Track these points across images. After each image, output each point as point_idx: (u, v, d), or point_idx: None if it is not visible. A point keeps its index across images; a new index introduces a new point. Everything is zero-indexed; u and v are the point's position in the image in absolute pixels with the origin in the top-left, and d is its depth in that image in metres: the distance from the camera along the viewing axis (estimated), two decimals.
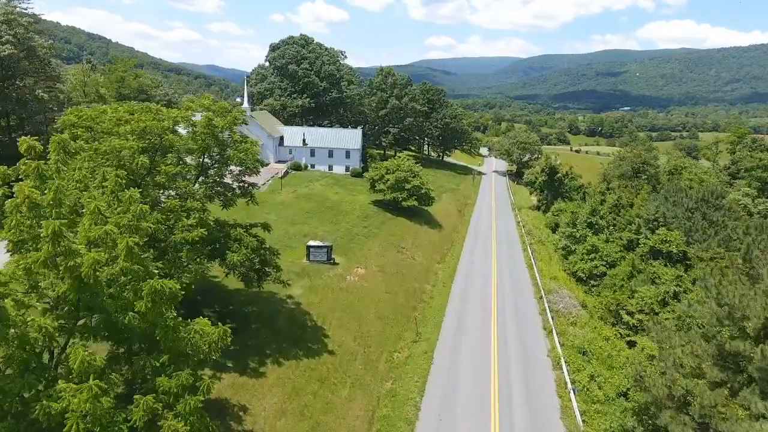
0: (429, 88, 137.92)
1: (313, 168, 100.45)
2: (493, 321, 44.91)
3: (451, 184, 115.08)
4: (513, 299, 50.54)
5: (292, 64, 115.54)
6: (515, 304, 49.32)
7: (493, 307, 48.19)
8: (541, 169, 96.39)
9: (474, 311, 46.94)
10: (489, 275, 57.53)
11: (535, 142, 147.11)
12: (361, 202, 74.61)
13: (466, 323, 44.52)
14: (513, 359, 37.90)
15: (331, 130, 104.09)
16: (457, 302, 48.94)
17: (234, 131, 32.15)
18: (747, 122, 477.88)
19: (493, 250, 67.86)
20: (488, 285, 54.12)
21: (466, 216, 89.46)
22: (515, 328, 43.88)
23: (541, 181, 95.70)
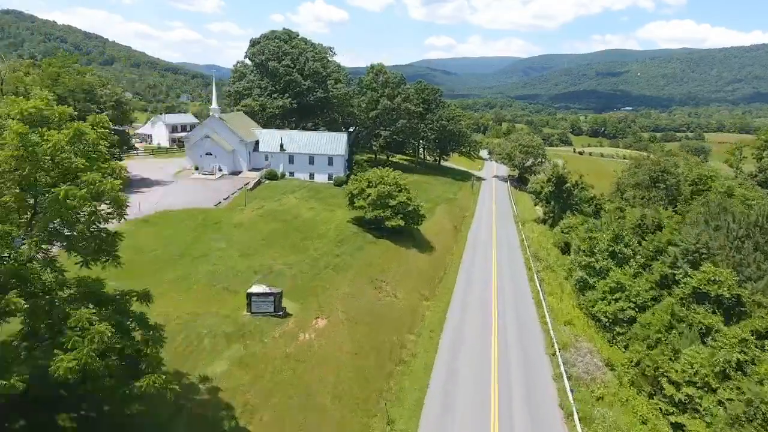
0: (424, 87, 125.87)
1: (292, 176, 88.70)
2: (493, 395, 33.11)
3: (448, 193, 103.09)
4: (519, 357, 38.63)
5: (273, 61, 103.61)
6: (523, 366, 37.43)
7: (493, 369, 36.38)
8: (548, 178, 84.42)
9: (467, 379, 35.08)
10: (488, 318, 45.66)
11: (539, 146, 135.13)
12: (338, 221, 62.74)
13: (457, 399, 32.71)
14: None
15: (313, 133, 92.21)
16: (446, 363, 37.09)
17: (90, 149, 20.09)
18: (752, 122, 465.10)
19: (494, 280, 55.96)
20: (487, 334, 42.24)
21: (462, 233, 77.49)
22: (523, 409, 32.03)
23: (548, 192, 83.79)
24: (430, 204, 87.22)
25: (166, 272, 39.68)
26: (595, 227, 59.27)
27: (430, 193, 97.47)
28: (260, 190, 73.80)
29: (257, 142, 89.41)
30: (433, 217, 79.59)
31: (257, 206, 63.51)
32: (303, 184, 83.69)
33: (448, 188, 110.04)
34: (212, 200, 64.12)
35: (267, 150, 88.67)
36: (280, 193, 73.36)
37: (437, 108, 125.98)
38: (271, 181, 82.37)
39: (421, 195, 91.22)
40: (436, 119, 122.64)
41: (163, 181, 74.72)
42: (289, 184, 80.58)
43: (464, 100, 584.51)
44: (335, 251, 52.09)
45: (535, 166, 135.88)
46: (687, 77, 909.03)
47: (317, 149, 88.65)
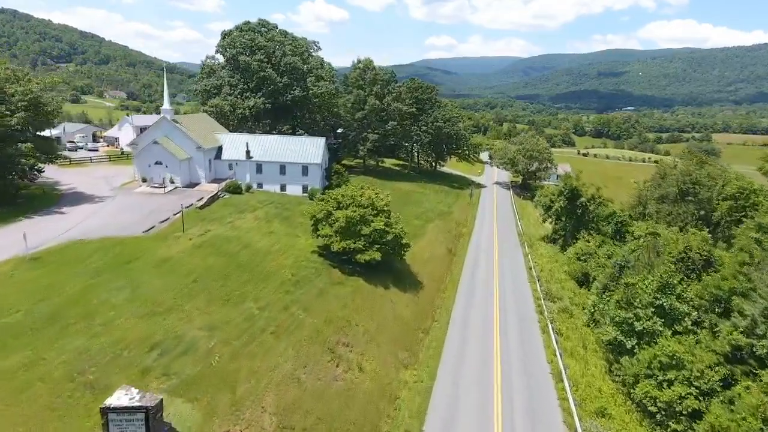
0: (418, 86, 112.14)
1: (261, 188, 75.27)
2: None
3: (443, 205, 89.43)
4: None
5: (244, 55, 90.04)
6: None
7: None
8: (559, 191, 70.72)
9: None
10: (489, 402, 32.21)
11: (545, 149, 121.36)
12: (299, 252, 49.23)
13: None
14: None
15: (285, 138, 78.58)
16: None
17: None
18: (758, 123, 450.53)
19: (496, 334, 42.43)
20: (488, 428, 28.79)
21: (458, 258, 63.88)
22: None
23: (559, 207, 70.10)
24: (421, 221, 73.63)
25: (6, 355, 26.22)
26: (626, 264, 45.61)
27: (421, 206, 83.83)
28: (214, 209, 60.26)
29: (221, 149, 75.96)
30: (423, 238, 66.03)
31: (201, 231, 49.99)
32: (271, 198, 70.22)
33: (444, 198, 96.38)
34: (146, 223, 50.64)
35: (231, 158, 75.20)
36: (237, 212, 59.85)
37: (432, 108, 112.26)
38: (233, 195, 68.82)
39: (410, 209, 77.83)
40: (431, 121, 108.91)
41: (98, 197, 61.24)
42: (252, 200, 67.05)
43: (465, 100, 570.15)
44: (285, 300, 38.52)
45: (540, 172, 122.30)
46: (689, 77, 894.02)
47: (289, 157, 75.14)
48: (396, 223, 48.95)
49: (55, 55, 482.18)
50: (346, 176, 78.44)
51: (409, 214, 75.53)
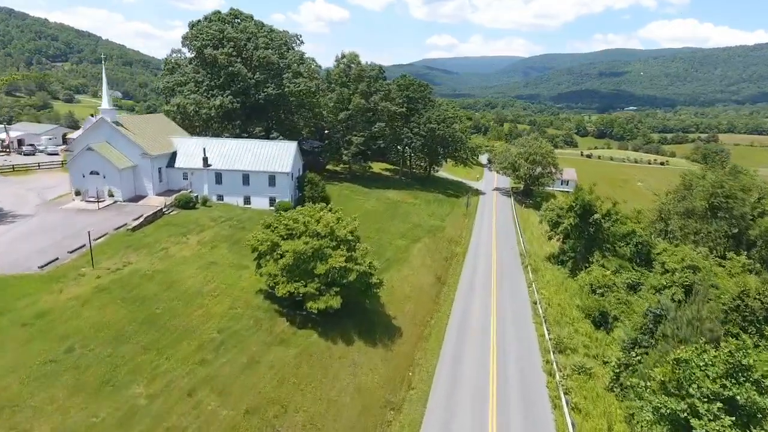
0: (409, 83, 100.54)
1: (221, 201, 64.01)
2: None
3: (434, 218, 77.95)
4: None
5: (210, 47, 78.68)
6: None
7: None
8: (569, 205, 59.14)
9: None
10: None
11: (549, 153, 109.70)
12: (239, 292, 37.92)
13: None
14: None
15: (250, 143, 67.15)
16: None
17: None
18: (763, 123, 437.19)
19: (492, 416, 31.08)
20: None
21: (448, 289, 52.36)
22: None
23: (569, 226, 58.56)
24: (406, 240, 62.16)
25: None
26: (663, 313, 34.11)
27: (409, 220, 72.34)
28: (150, 230, 48.95)
29: (174, 155, 64.69)
30: (406, 263, 54.59)
31: (117, 265, 38.73)
32: (230, 213, 59.00)
33: (436, 209, 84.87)
34: (49, 254, 39.44)
35: (186, 166, 63.91)
36: (179, 234, 48.61)
37: (425, 108, 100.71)
38: (183, 210, 57.56)
39: (395, 225, 66.44)
40: (423, 122, 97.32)
41: (14, 215, 50.12)
42: (204, 217, 55.79)
43: (465, 100, 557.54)
44: (195, 378, 27.18)
45: (544, 178, 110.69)
46: (690, 77, 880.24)
47: (254, 164, 63.81)
48: (363, 255, 37.43)
49: (50, 54, 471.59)
50: (322, 186, 67.07)
51: (393, 232, 64.15)
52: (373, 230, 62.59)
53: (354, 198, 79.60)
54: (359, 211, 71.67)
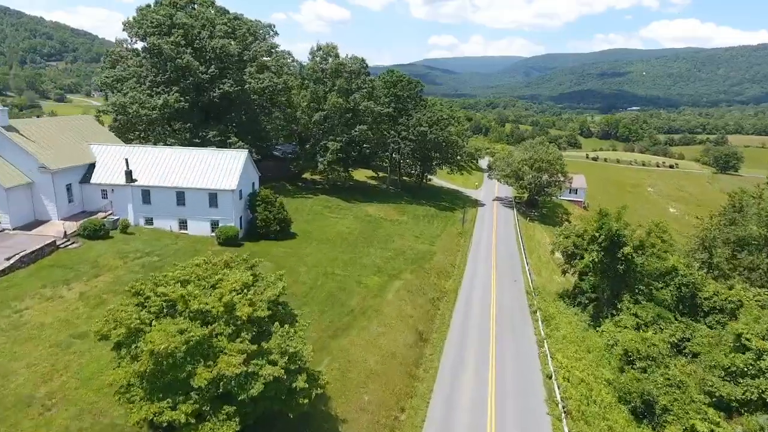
0: (397, 80, 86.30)
1: (151, 225, 50.23)
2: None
3: (422, 241, 63.89)
4: None
5: (154, 36, 64.74)
6: None
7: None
8: (592, 236, 44.90)
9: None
10: None
11: (557, 159, 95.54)
12: (94, 396, 24.00)
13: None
14: None
15: (187, 152, 53.01)
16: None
17: None
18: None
19: None
20: None
21: (431, 354, 38.28)
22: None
23: (592, 262, 44.40)
24: (383, 276, 48.09)
25: None
26: None
27: (390, 246, 58.26)
28: (22, 276, 35.19)
29: (92, 167, 50.84)
30: (378, 313, 40.53)
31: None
32: (154, 244, 45.29)
33: (426, 228, 70.83)
34: None
35: (105, 181, 50.04)
36: (60, 282, 34.92)
37: (416, 108, 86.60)
38: (90, 241, 43.82)
39: (371, 253, 52.52)
40: (413, 124, 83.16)
41: None
42: (111, 252, 41.98)
43: (466, 100, 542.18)
44: None
45: (551, 187, 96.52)
46: (693, 77, 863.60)
47: (191, 179, 49.91)
48: (286, 340, 23.24)
49: (45, 53, 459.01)
50: (279, 205, 53.06)
51: (366, 265, 50.10)
52: (340, 264, 48.60)
53: (326, 216, 65.62)
54: (329, 234, 57.71)
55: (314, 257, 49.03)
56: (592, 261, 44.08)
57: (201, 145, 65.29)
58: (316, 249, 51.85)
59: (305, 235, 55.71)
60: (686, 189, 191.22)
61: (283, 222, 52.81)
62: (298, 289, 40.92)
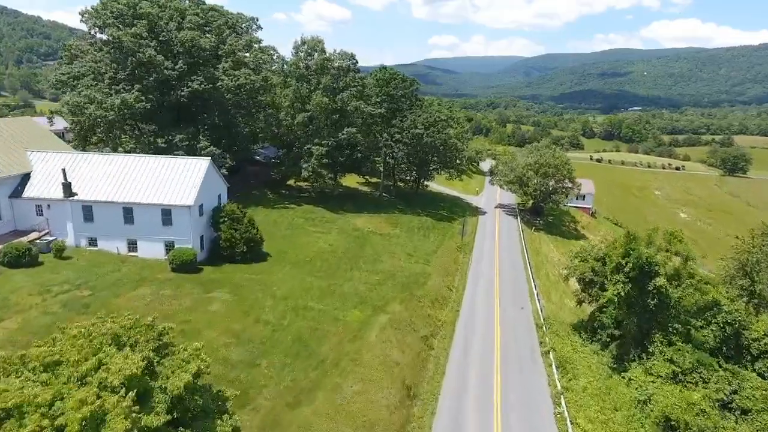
0: (390, 77, 78.23)
1: (95, 247, 42.49)
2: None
3: (416, 259, 55.92)
4: None
5: (114, 27, 56.84)
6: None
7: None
8: (616, 265, 36.77)
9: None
10: None
11: (564, 164, 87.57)
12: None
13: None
14: None
15: (141, 160, 44.98)
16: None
17: None
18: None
19: None
20: None
21: (420, 411, 30.43)
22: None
23: (617, 296, 36.39)
24: (365, 310, 40.06)
25: None
26: None
27: (378, 267, 50.28)
28: None
29: (27, 177, 42.99)
30: (356, 364, 32.55)
31: None
32: (87, 275, 37.49)
33: (421, 243, 62.85)
34: None
35: (40, 195, 42.14)
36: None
37: (411, 109, 78.61)
38: (11, 269, 36.00)
39: (357, 278, 44.54)
40: (407, 126, 75.11)
41: None
42: (30, 284, 34.16)
43: (467, 100, 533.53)
44: None
45: (558, 194, 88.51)
46: (695, 77, 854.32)
47: (141, 193, 42.01)
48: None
49: (42, 52, 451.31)
50: (247, 223, 45.12)
51: (348, 294, 42.13)
52: (315, 293, 40.66)
53: (307, 230, 57.67)
54: (308, 253, 49.80)
55: (285, 285, 41.09)
56: (617, 295, 36.05)
57: (167, 150, 57.45)
58: (289, 274, 43.91)
59: (279, 256, 47.78)
60: (694, 192, 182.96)
61: (251, 242, 44.89)
62: (258, 332, 33.00)
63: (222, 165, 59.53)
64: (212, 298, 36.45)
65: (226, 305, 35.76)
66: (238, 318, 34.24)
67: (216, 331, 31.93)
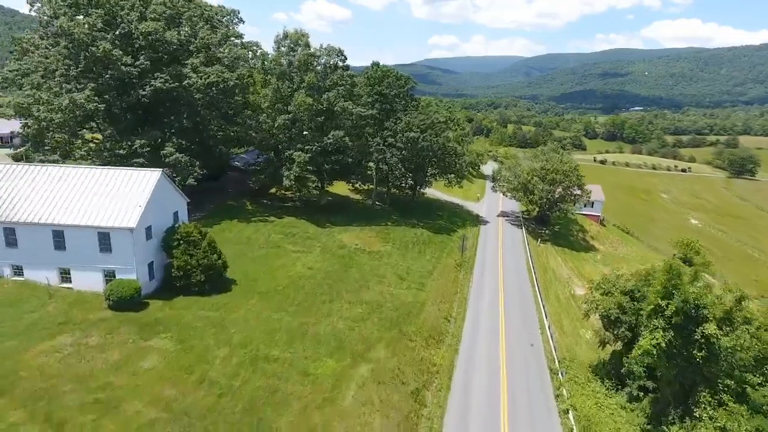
0: (383, 75, 70.57)
1: (20, 278, 34.97)
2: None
3: (409, 284, 48.37)
4: None
5: (65, 16, 49.39)
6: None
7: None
8: (654, 306, 29.43)
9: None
10: None
11: (572, 170, 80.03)
12: None
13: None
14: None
15: (77, 172, 37.48)
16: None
17: None
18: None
19: None
20: None
21: None
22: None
23: (655, 345, 28.99)
24: (341, 359, 32.52)
25: None
26: None
27: (362, 295, 42.77)
28: None
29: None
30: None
31: None
32: (1, 313, 29.88)
33: (415, 262, 55.27)
34: None
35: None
36: None
37: (406, 110, 71.05)
38: None
39: (335, 312, 36.86)
40: (401, 129, 67.49)
41: None
42: None
43: (467, 100, 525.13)
44: None
45: (566, 203, 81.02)
46: (696, 77, 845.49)
47: (75, 213, 34.55)
48: None
49: None
50: (206, 247, 37.63)
51: (322, 334, 34.64)
52: (282, 337, 33.21)
53: (285, 250, 50.18)
54: (281, 279, 42.44)
55: (247, 326, 33.66)
56: (656, 346, 28.53)
57: (127, 158, 50.12)
58: (254, 309, 36.46)
59: (247, 285, 40.34)
60: (702, 195, 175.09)
61: (210, 269, 37.41)
62: (199, 400, 25.54)
63: (189, 174, 52.15)
64: (150, 349, 29.02)
65: (166, 359, 28.33)
66: (177, 378, 26.80)
67: (143, 401, 24.49)
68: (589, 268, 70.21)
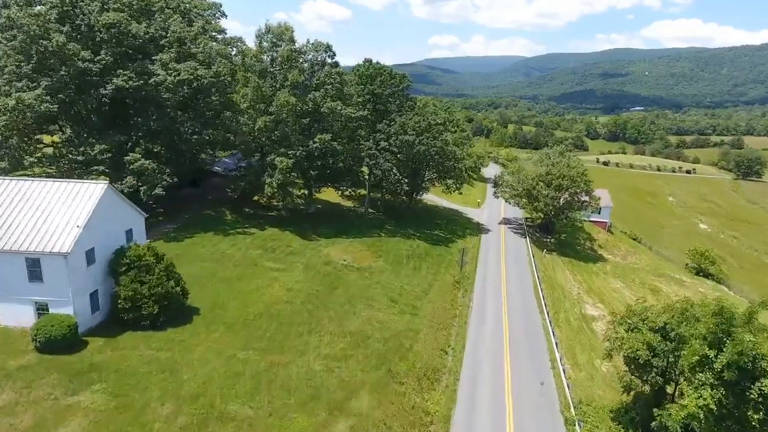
0: (376, 73, 64.77)
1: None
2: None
3: (401, 308, 42.63)
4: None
5: (10, 8, 43.73)
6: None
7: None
8: (701, 356, 23.68)
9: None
10: None
11: (580, 175, 74.32)
12: None
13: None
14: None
15: (6, 186, 31.87)
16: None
17: None
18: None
19: None
20: None
21: None
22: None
23: (703, 407, 23.29)
24: (315, 412, 26.62)
25: None
26: None
27: (347, 325, 36.99)
28: None
29: None
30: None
31: None
32: None
33: (409, 280, 49.50)
34: None
35: None
36: None
37: (401, 111, 65.22)
38: None
39: (312, 349, 30.43)
40: (395, 132, 61.66)
41: None
42: None
43: (467, 100, 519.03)
44: None
45: (572, 210, 75.28)
46: (697, 77, 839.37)
47: None
48: None
49: None
50: (161, 271, 31.91)
51: (294, 378, 28.87)
52: (246, 382, 27.48)
53: (263, 268, 44.43)
54: (254, 305, 36.76)
55: (204, 370, 27.94)
56: (704, 407, 22.76)
57: (86, 165, 44.43)
58: (216, 346, 30.72)
59: (212, 313, 34.62)
60: (710, 198, 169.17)
61: (166, 298, 31.68)
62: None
63: (157, 183, 46.44)
64: (74, 408, 23.30)
65: (91, 423, 22.58)
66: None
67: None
68: (600, 282, 64.46)
